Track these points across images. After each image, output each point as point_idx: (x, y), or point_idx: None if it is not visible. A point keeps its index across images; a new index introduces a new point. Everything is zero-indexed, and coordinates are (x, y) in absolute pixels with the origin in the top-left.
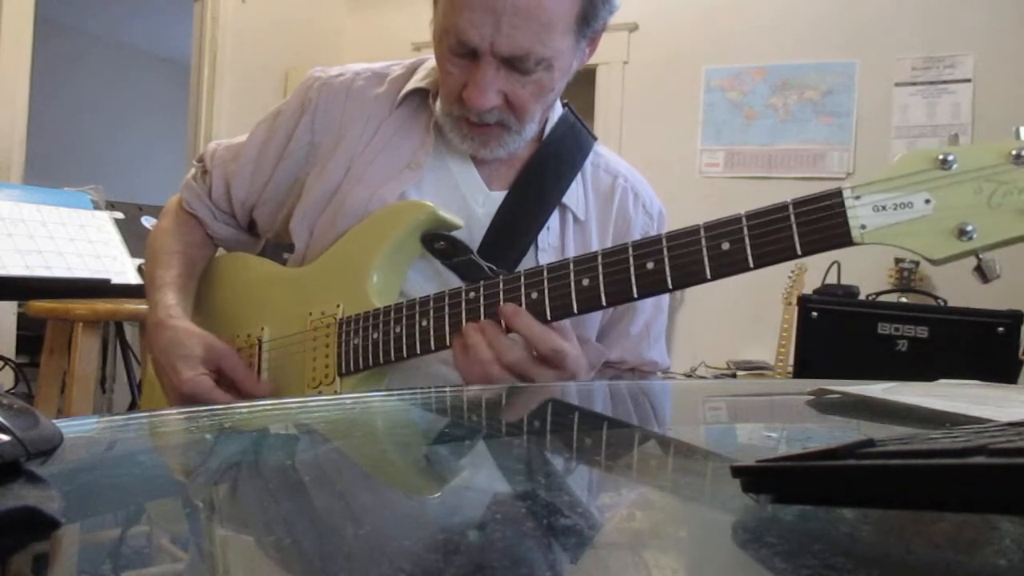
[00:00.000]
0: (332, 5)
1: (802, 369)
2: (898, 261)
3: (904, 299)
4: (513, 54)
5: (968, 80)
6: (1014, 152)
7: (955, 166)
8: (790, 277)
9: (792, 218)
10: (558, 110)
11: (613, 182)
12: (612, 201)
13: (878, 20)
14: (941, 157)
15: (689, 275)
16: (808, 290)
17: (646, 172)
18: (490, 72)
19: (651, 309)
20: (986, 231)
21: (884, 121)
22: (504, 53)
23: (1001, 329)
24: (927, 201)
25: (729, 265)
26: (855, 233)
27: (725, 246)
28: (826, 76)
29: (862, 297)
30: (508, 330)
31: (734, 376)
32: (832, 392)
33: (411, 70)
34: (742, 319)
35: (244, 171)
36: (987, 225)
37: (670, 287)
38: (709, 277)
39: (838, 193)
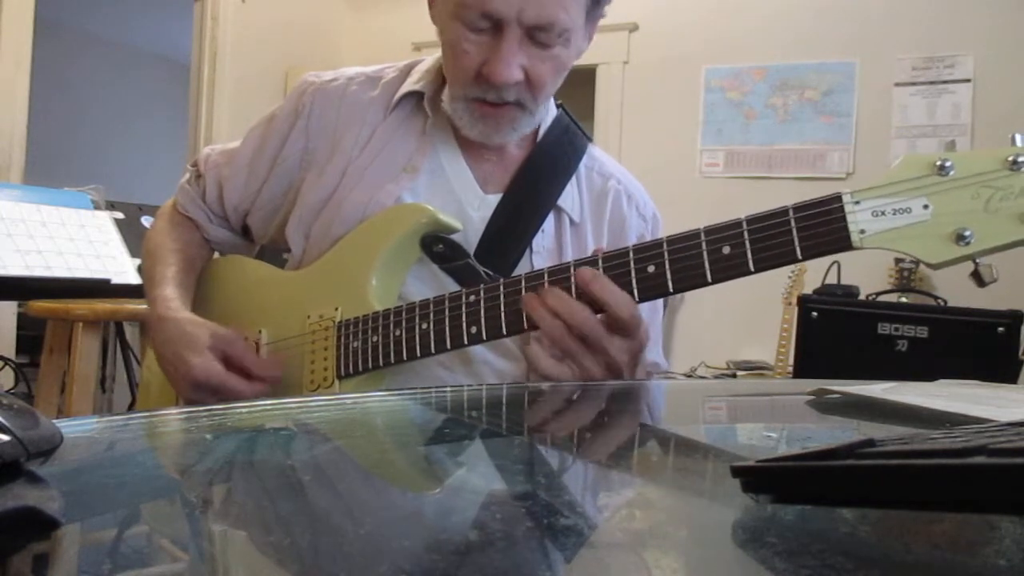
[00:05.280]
0: (332, 5)
1: (802, 369)
2: (898, 261)
3: (904, 299)
4: (539, 23)
5: (968, 80)
6: (1011, 158)
7: (953, 172)
8: (790, 277)
9: (792, 223)
10: (552, 111)
11: (606, 184)
12: (605, 203)
13: (878, 20)
14: (939, 163)
15: (690, 278)
16: (808, 290)
17: (646, 172)
18: (514, 43)
19: (647, 311)
20: (984, 236)
21: (884, 121)
22: (531, 22)
23: (1001, 329)
24: (925, 206)
25: (730, 269)
26: (855, 238)
27: (726, 250)
28: (826, 76)
29: (862, 297)
30: (580, 296)
31: (734, 376)
32: (832, 392)
33: (405, 73)
34: (742, 319)
35: (238, 176)
36: (985, 230)
37: (671, 290)
38: (710, 280)
39: (838, 198)
